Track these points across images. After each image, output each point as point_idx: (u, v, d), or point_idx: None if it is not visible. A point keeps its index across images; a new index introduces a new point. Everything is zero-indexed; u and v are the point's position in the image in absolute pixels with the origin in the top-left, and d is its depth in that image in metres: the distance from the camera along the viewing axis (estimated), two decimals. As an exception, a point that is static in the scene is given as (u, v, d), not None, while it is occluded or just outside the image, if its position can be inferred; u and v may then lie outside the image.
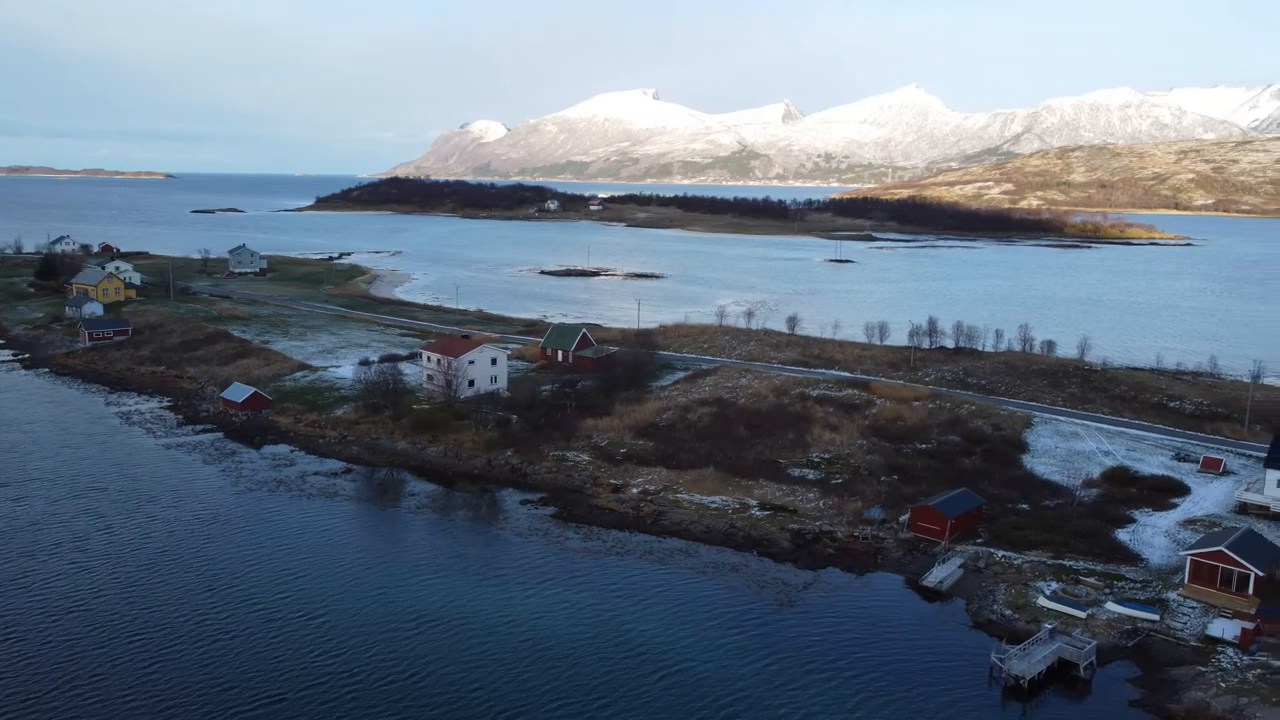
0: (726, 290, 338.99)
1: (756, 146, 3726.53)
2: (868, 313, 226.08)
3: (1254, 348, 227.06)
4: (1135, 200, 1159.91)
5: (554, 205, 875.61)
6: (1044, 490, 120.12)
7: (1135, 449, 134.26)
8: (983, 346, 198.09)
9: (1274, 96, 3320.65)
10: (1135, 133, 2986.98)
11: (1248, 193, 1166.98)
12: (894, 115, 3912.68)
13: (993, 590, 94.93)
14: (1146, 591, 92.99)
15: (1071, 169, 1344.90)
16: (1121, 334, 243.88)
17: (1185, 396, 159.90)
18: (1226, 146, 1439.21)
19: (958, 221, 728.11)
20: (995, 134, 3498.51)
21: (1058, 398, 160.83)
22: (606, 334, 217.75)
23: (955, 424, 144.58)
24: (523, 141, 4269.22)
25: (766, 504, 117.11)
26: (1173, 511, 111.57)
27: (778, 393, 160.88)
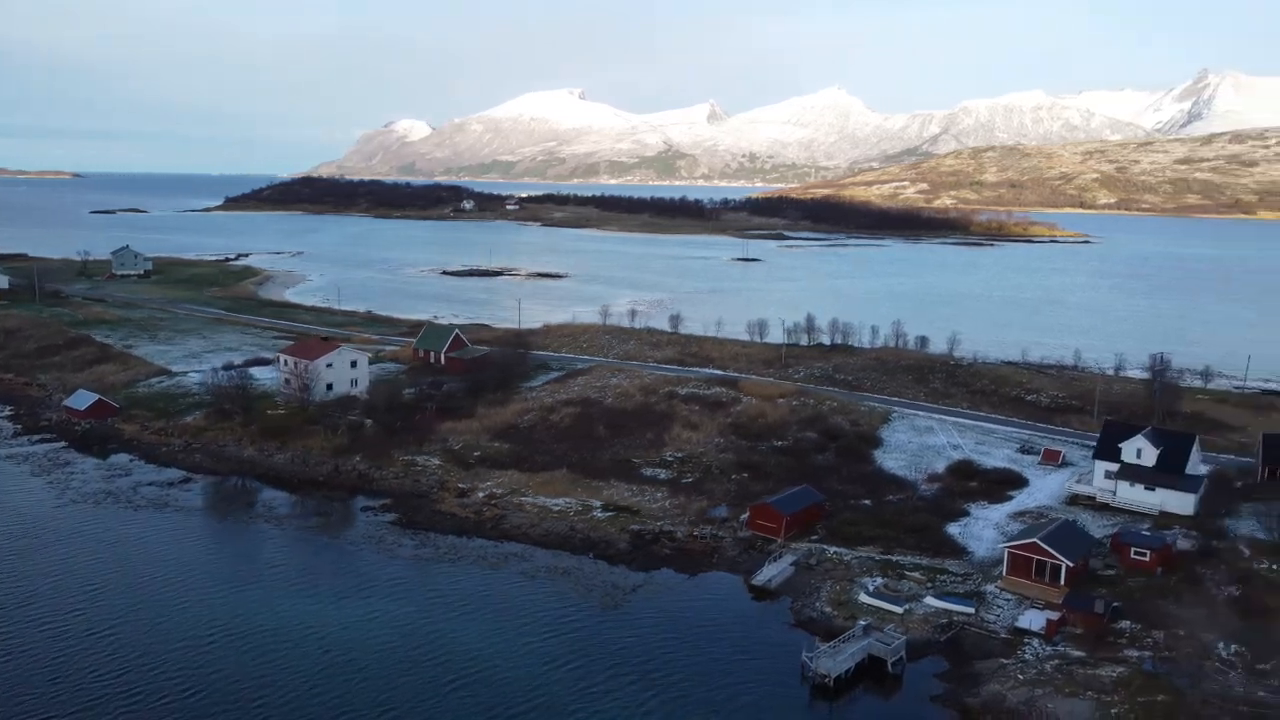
0: (627, 289, 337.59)
1: (682, 146, 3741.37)
2: (761, 311, 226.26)
3: (1126, 341, 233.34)
4: (1044, 199, 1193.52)
5: (470, 205, 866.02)
6: (889, 486, 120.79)
7: (984, 442, 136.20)
8: (859, 343, 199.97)
9: (1176, 100, 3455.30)
10: (1047, 134, 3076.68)
11: (1148, 191, 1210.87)
12: (817, 116, 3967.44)
13: (819, 588, 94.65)
14: (967, 585, 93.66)
15: (984, 169, 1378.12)
16: (1001, 329, 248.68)
17: (1043, 390, 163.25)
18: (1129, 147, 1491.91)
19: (869, 220, 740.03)
20: (914, 135, 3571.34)
21: (920, 393, 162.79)
22: (492, 334, 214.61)
23: (815, 421, 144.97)
24: (448, 141, 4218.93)
25: (611, 505, 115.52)
26: (1007, 504, 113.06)
27: (646, 392, 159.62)
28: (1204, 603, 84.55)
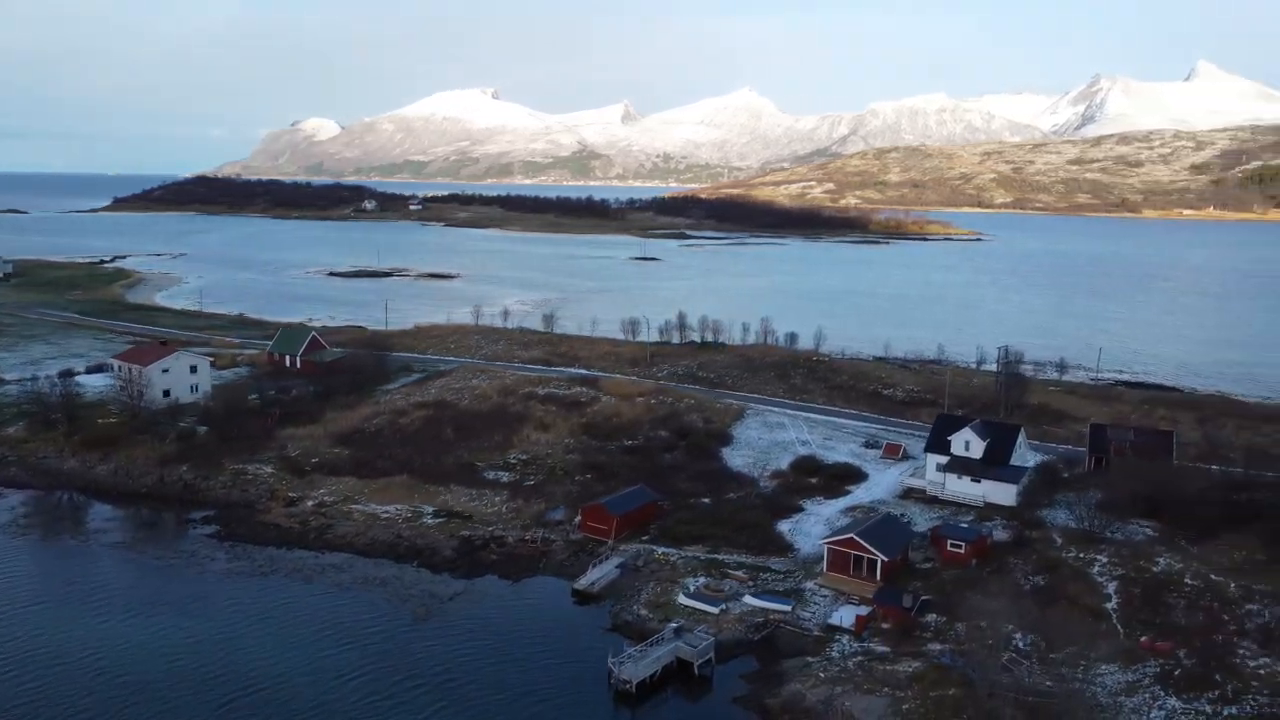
0: (516, 289, 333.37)
1: (597, 147, 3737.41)
2: (647, 309, 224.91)
3: (994, 336, 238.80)
4: (944, 198, 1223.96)
5: (372, 205, 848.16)
6: (732, 483, 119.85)
7: (832, 437, 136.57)
8: (731, 340, 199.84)
9: (1071, 103, 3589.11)
10: (950, 135, 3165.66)
11: (1041, 191, 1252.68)
12: (729, 117, 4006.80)
13: (641, 590, 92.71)
14: (788, 582, 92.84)
15: (888, 169, 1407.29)
16: (875, 325, 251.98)
17: (900, 385, 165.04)
18: (1025, 148, 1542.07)
19: (771, 220, 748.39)
20: (824, 136, 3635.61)
21: (780, 389, 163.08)
22: (355, 337, 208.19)
23: (670, 419, 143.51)
24: (358, 140, 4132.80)
25: (444, 510, 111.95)
26: (843, 499, 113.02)
27: (504, 393, 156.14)
28: (1009, 593, 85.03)
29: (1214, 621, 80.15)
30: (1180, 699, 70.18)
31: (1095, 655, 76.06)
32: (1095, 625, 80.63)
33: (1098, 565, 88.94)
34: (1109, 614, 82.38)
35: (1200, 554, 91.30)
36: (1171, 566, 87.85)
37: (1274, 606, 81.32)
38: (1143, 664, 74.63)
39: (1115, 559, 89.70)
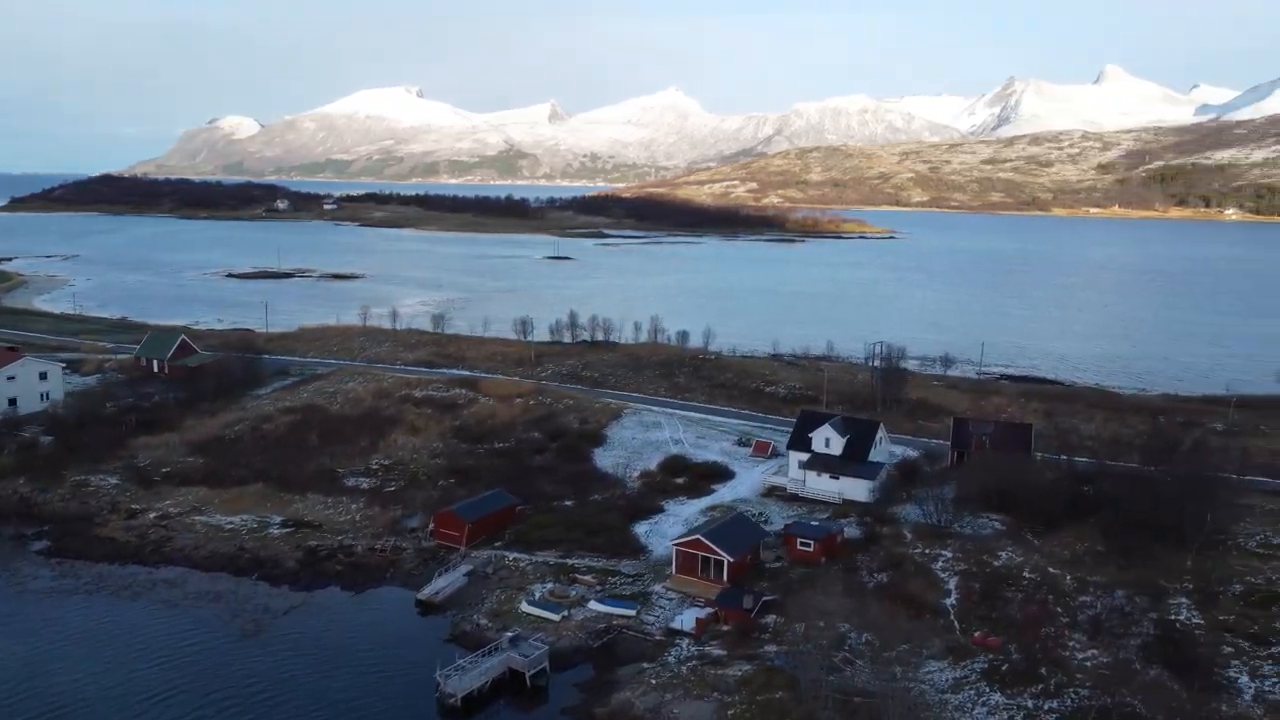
0: (420, 290, 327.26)
1: (524, 146, 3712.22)
2: (551, 309, 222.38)
3: (889, 331, 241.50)
4: (864, 197, 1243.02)
5: (285, 205, 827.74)
6: (599, 484, 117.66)
7: (706, 436, 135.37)
8: (622, 339, 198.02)
9: (987, 105, 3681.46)
10: (872, 135, 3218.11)
11: (957, 190, 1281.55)
12: (656, 117, 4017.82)
13: (486, 598, 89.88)
14: (637, 585, 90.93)
15: (810, 169, 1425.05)
16: (771, 322, 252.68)
17: (782, 381, 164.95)
18: (941, 148, 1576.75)
19: (691, 219, 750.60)
20: (749, 136, 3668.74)
21: (663, 388, 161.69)
22: (235, 339, 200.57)
23: (545, 420, 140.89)
24: (279, 139, 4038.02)
25: (294, 520, 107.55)
26: (706, 498, 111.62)
27: (379, 396, 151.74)
28: (851, 591, 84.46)
29: (1047, 615, 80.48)
30: (1004, 694, 69.91)
31: (927, 653, 75.80)
32: (932, 622, 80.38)
33: (941, 561, 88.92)
34: (947, 610, 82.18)
35: (1043, 547, 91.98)
36: (1012, 560, 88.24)
37: (1106, 597, 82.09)
38: (972, 660, 74.34)
39: (959, 554, 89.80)
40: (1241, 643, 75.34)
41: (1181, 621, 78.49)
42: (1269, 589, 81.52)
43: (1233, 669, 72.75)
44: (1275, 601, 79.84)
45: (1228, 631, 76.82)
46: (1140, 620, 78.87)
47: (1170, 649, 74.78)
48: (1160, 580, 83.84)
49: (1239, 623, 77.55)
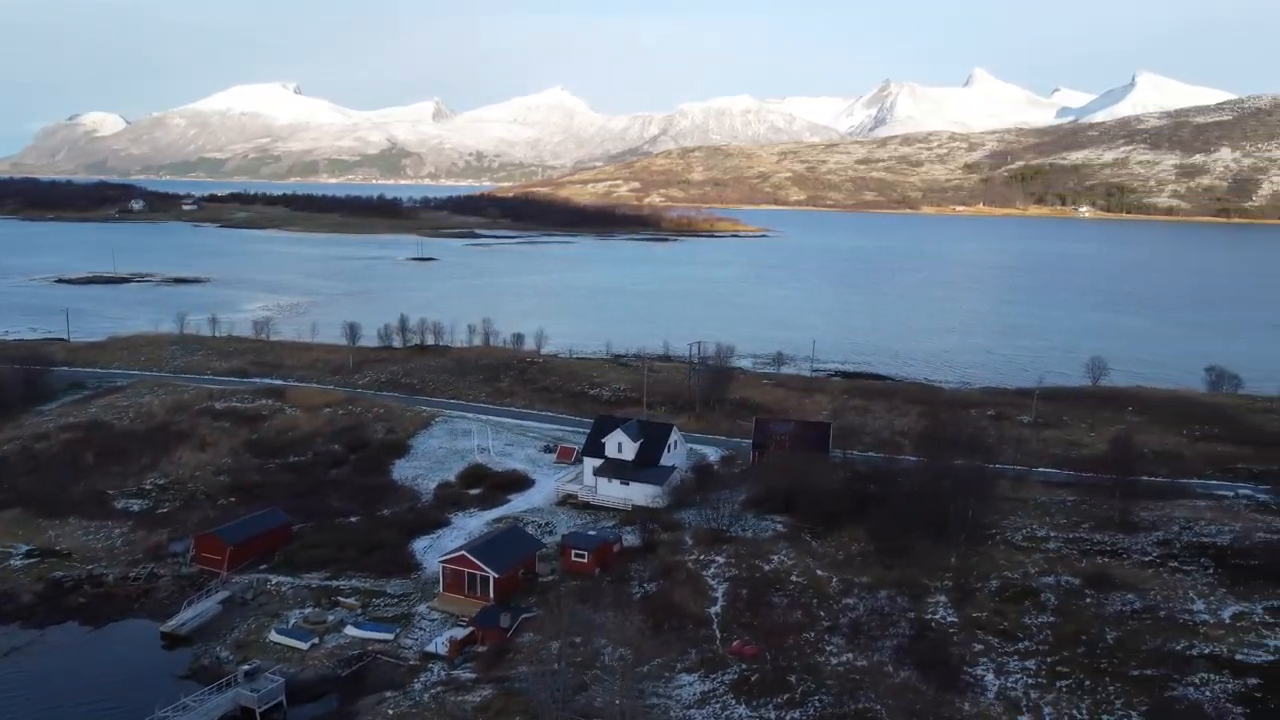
0: (266, 294, 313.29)
1: (408, 145, 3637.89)
2: (397, 311, 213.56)
3: (736, 329, 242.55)
4: (744, 196, 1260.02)
5: (140, 205, 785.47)
6: (392, 498, 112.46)
7: (516, 443, 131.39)
8: (455, 343, 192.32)
9: (865, 106, 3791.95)
10: (755, 135, 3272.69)
11: (833, 189, 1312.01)
12: (542, 116, 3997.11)
13: (237, 628, 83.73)
14: (402, 606, 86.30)
15: (692, 168, 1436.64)
16: (621, 322, 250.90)
17: (608, 384, 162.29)
18: (818, 149, 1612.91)
19: (567, 218, 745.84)
20: (636, 135, 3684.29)
21: (484, 393, 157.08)
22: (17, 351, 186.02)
23: (350, 430, 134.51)
24: (146, 136, 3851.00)
25: (42, 549, 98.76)
26: (498, 509, 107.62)
27: (175, 410, 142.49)
28: (619, 603, 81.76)
29: (810, 619, 79.42)
30: (749, 706, 68.09)
31: (681, 666, 73.63)
32: (694, 632, 78.33)
33: (714, 567, 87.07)
34: (711, 619, 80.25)
35: (819, 548, 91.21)
36: (784, 564, 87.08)
37: (870, 599, 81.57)
38: (723, 672, 72.39)
39: (733, 559, 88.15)
40: (992, 639, 75.53)
41: (938, 621, 78.39)
42: (1024, 583, 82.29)
43: (981, 666, 72.75)
44: (1028, 596, 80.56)
45: (980, 629, 76.98)
46: (898, 621, 78.55)
47: (923, 649, 74.64)
48: (924, 579, 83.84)
49: (991, 619, 77.85)
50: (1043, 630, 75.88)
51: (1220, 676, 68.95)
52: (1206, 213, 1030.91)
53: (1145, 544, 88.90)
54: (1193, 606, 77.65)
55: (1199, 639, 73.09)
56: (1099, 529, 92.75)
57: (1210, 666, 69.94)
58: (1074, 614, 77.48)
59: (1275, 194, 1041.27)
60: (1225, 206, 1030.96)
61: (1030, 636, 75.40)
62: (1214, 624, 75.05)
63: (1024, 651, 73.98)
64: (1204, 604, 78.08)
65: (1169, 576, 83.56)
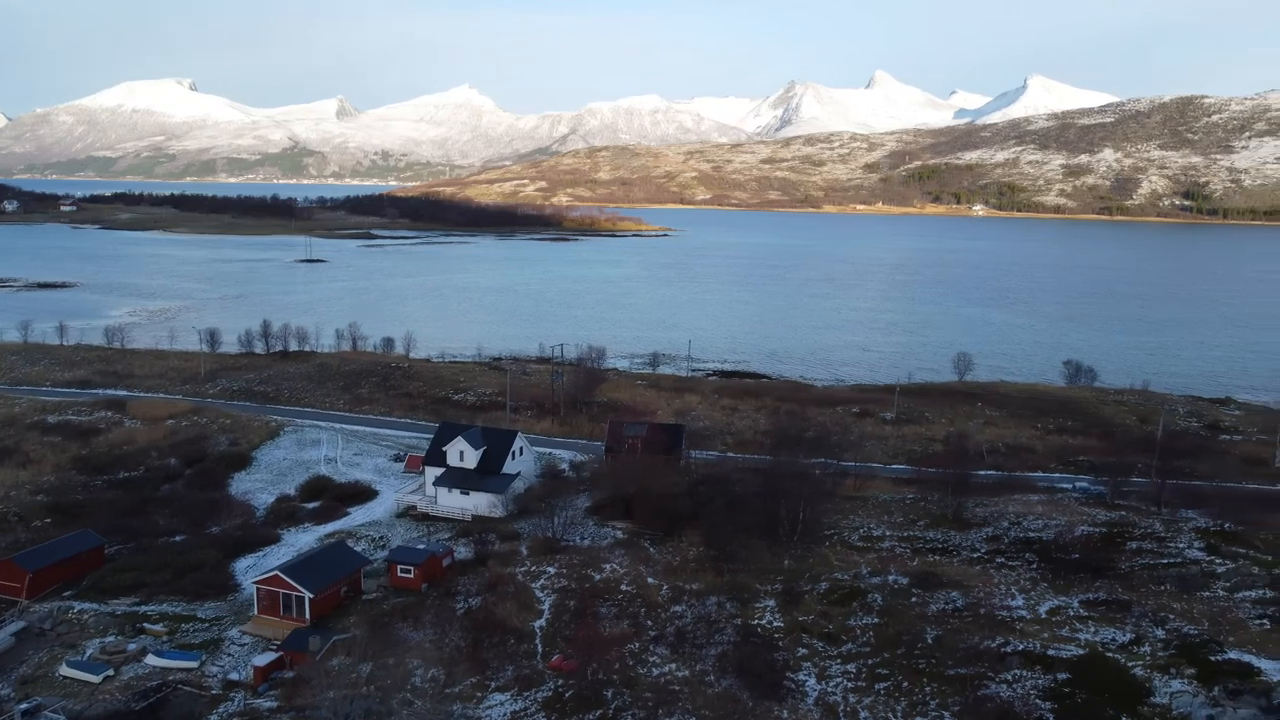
0: (136, 298, 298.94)
1: (310, 143, 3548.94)
2: (280, 315, 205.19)
3: (615, 329, 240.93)
4: (650, 196, 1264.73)
5: (13, 206, 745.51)
6: (225, 514, 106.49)
7: (366, 451, 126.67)
8: (322, 348, 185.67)
9: (771, 107, 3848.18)
10: (664, 135, 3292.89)
11: (737, 189, 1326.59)
12: (450, 114, 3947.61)
13: (25, 661, 77.58)
14: (213, 631, 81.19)
15: (599, 168, 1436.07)
16: (501, 323, 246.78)
17: (474, 388, 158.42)
18: (724, 149, 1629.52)
19: (468, 218, 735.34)
20: (545, 134, 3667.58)
21: (343, 400, 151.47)
22: None
23: (192, 443, 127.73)
24: (29, 134, 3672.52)
25: None
26: (335, 523, 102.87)
27: (4, 424, 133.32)
28: (440, 620, 78.47)
29: (637, 629, 77.45)
30: (559, 724, 65.71)
31: (495, 684, 70.78)
32: (516, 648, 75.56)
33: (544, 578, 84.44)
34: (535, 633, 77.59)
35: (657, 554, 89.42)
36: (615, 572, 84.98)
37: (699, 606, 80.00)
38: (539, 688, 69.81)
39: (565, 569, 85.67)
40: (816, 643, 74.71)
41: (763, 626, 77.27)
42: (852, 584, 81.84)
43: (804, 672, 71.79)
44: (856, 597, 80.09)
45: (805, 632, 76.13)
46: (724, 628, 77.17)
47: (745, 656, 73.33)
48: (755, 583, 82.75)
49: (816, 623, 77.10)
50: (866, 632, 75.43)
51: (1032, 673, 69.34)
52: (1091, 211, 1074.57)
53: (975, 540, 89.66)
54: (1012, 603, 78.24)
55: (1015, 635, 73.49)
56: (933, 526, 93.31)
57: (1023, 663, 70.29)
58: (898, 614, 77.28)
59: (1153, 193, 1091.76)
60: (1108, 205, 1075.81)
61: (854, 639, 74.88)
62: (1031, 620, 75.67)
63: (847, 655, 73.37)
64: (1024, 600, 78.78)
65: (995, 573, 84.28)
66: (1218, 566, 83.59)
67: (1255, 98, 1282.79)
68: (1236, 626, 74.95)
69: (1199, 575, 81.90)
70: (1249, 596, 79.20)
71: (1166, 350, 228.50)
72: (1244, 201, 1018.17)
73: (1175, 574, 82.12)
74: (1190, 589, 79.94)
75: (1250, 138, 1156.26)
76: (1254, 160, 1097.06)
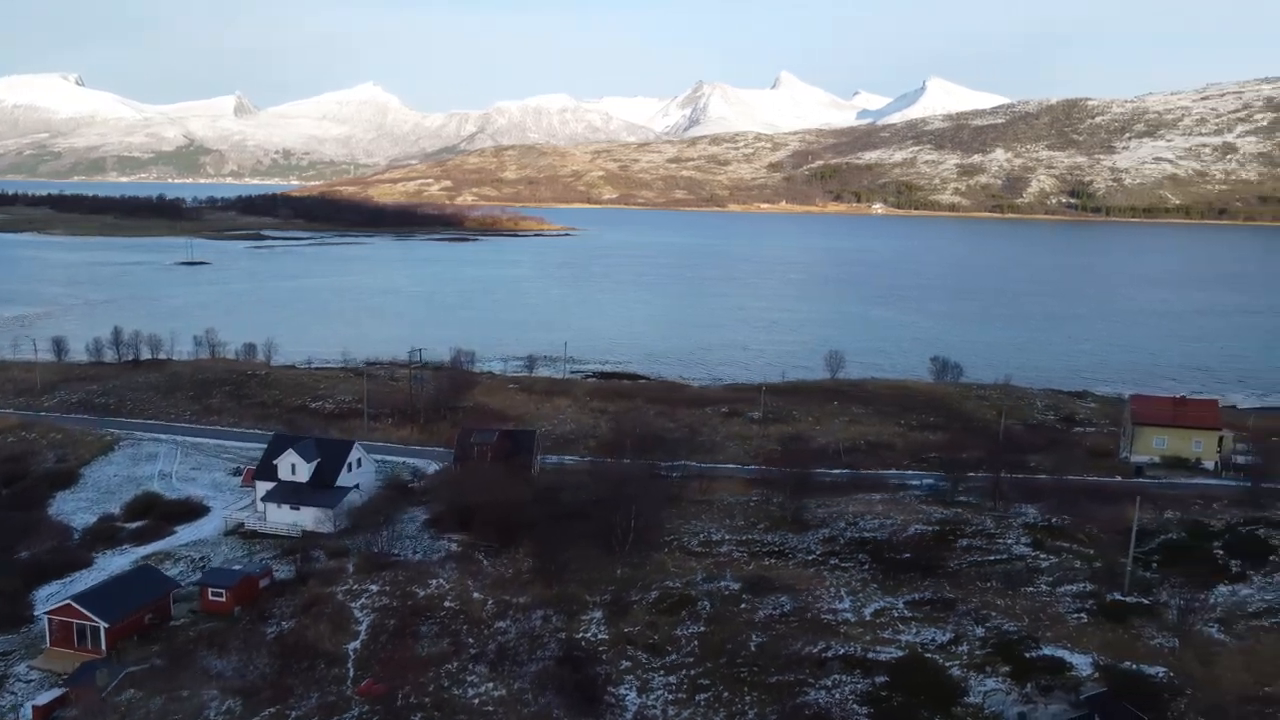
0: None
1: (207, 141, 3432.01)
2: (148, 323, 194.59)
3: (503, 332, 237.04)
4: (557, 195, 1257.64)
5: None
6: (39, 536, 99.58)
7: (205, 465, 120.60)
8: (179, 355, 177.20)
9: (679, 107, 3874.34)
10: (573, 134, 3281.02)
11: (644, 188, 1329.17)
12: (354, 112, 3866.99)
13: None
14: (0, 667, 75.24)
15: (505, 167, 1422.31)
16: (380, 326, 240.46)
17: (332, 395, 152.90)
18: (631, 148, 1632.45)
19: (365, 218, 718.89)
20: (452, 133, 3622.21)
21: (189, 411, 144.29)
22: None
23: (15, 460, 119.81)
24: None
25: None
26: (158, 543, 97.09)
27: None
28: (248, 646, 74.11)
29: (457, 647, 74.42)
30: (358, 754, 62.32)
31: (296, 713, 66.88)
32: (325, 673, 71.72)
33: (365, 596, 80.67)
34: (348, 655, 73.85)
35: (490, 567, 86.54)
36: (441, 588, 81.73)
37: (525, 620, 77.35)
38: (342, 716, 66.20)
39: (389, 586, 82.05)
40: (641, 655, 72.79)
41: (588, 639, 75.06)
42: (683, 592, 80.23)
43: (625, 685, 69.87)
44: (685, 605, 78.44)
45: (630, 644, 74.11)
46: (549, 643, 74.72)
47: (566, 672, 71.02)
48: (585, 594, 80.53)
49: (642, 633, 75.15)
50: (691, 641, 73.85)
51: (851, 677, 68.73)
52: (983, 209, 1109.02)
53: (811, 542, 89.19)
54: (840, 605, 77.69)
55: (839, 639, 72.83)
56: (773, 529, 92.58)
57: (843, 667, 69.64)
58: (725, 621, 75.96)
59: (1041, 192, 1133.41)
60: (1000, 203, 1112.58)
61: (679, 649, 73.21)
62: (855, 622, 75.16)
63: (670, 666, 71.70)
64: (851, 602, 78.31)
65: (829, 574, 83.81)
66: (1042, 561, 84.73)
67: (1135, 100, 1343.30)
68: (1056, 621, 75.76)
69: (1024, 571, 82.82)
70: (1070, 590, 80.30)
71: (1037, 345, 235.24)
72: (1125, 200, 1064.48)
73: (1001, 571, 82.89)
74: (1015, 585, 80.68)
75: (1130, 139, 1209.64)
76: (1134, 160, 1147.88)
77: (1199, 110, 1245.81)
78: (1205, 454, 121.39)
